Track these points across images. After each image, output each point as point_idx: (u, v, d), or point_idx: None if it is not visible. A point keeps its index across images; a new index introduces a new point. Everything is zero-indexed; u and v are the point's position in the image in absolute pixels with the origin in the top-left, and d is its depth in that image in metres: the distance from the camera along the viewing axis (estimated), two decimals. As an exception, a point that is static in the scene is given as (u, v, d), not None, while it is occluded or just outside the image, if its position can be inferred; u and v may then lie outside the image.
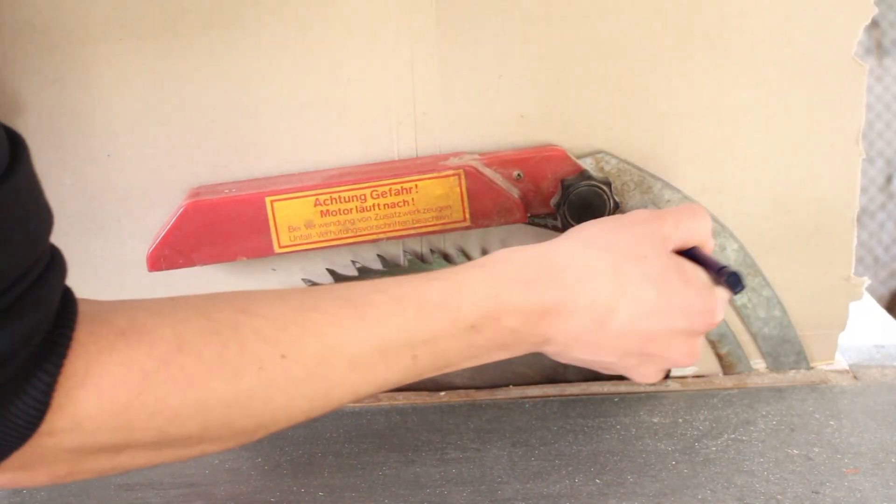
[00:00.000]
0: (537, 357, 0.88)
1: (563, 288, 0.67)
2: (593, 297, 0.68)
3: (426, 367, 0.65)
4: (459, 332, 0.65)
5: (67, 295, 0.56)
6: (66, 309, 0.56)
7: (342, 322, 0.62)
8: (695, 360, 0.71)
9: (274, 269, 0.87)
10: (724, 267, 0.70)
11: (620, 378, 0.89)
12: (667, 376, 0.89)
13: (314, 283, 0.86)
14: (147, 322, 0.59)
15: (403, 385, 0.65)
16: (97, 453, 0.58)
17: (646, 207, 0.85)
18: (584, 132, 0.84)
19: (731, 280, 0.69)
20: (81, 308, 0.57)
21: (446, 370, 0.67)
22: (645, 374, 0.72)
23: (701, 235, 0.73)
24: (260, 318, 0.61)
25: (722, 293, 0.71)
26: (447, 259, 0.86)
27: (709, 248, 0.74)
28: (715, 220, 0.86)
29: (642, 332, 0.69)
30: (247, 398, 0.59)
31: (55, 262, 0.55)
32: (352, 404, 0.86)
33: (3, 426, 0.54)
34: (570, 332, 0.68)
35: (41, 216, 0.55)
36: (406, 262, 0.86)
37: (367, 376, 0.63)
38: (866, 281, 0.89)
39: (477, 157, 0.83)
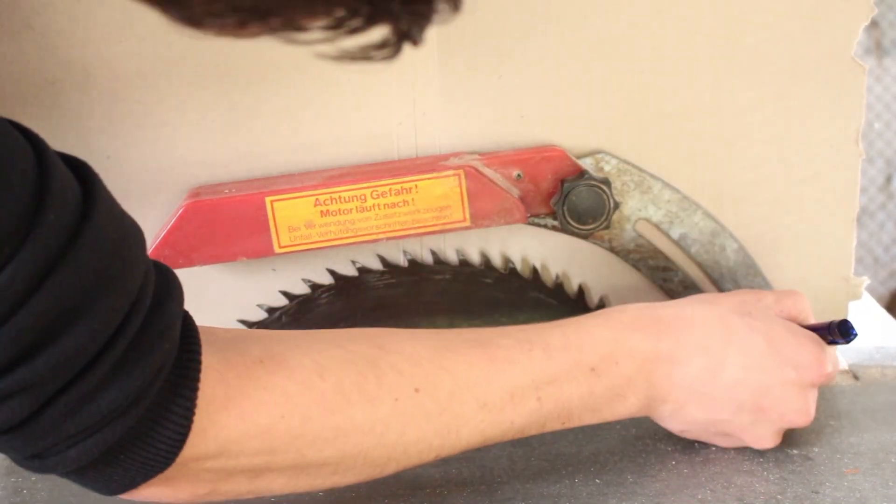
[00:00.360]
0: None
1: (674, 336, 0.70)
2: (704, 345, 0.70)
3: (550, 412, 0.68)
4: (581, 374, 0.68)
5: (187, 319, 0.58)
6: (187, 333, 0.57)
7: (473, 362, 0.65)
8: (810, 418, 0.73)
9: (274, 270, 0.87)
10: (831, 322, 0.73)
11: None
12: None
13: (314, 283, 0.86)
14: (284, 352, 0.60)
15: (526, 436, 0.68)
16: (238, 475, 0.59)
17: (646, 208, 0.85)
18: (584, 132, 0.84)
19: (842, 328, 0.72)
20: (207, 338, 0.58)
21: (569, 423, 0.69)
22: (762, 437, 0.74)
23: (801, 315, 0.76)
24: (395, 354, 0.63)
25: (832, 349, 0.73)
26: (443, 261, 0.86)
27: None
28: (715, 220, 0.86)
29: (754, 383, 0.71)
30: (383, 427, 0.61)
31: (169, 285, 0.57)
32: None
33: (147, 452, 0.55)
34: (684, 382, 0.70)
35: (129, 240, 0.55)
36: (406, 263, 0.86)
37: (495, 417, 0.66)
38: (866, 281, 0.89)
39: (477, 157, 0.83)
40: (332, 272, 0.86)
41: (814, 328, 0.76)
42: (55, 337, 0.51)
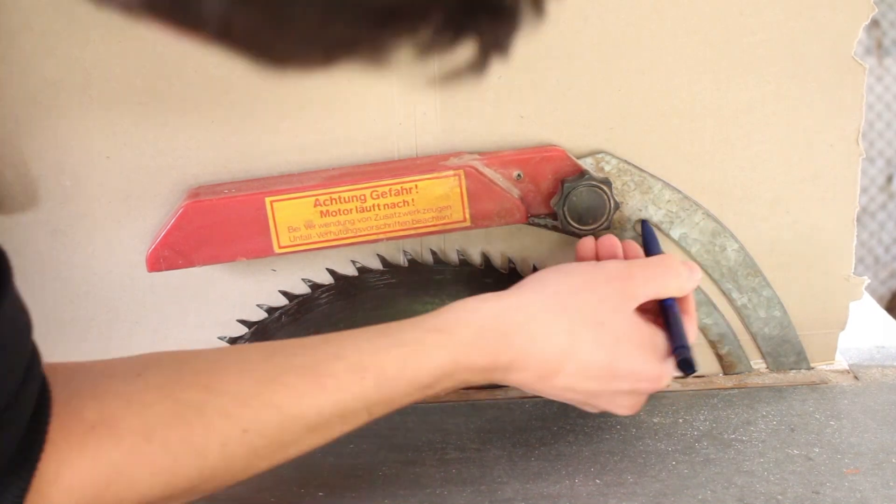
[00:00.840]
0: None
1: (515, 352, 0.71)
2: (543, 358, 0.72)
3: (379, 416, 0.70)
4: (415, 391, 0.69)
5: (42, 389, 0.59)
6: (39, 407, 0.59)
7: (303, 393, 0.66)
8: (635, 412, 0.76)
9: (274, 270, 0.87)
10: (680, 347, 0.72)
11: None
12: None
13: (315, 283, 0.86)
14: (116, 412, 0.61)
15: None
16: None
17: (646, 208, 0.85)
18: (584, 132, 0.84)
19: (682, 365, 0.72)
20: (54, 394, 0.59)
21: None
22: (589, 411, 0.77)
23: (673, 290, 0.75)
24: (223, 396, 0.64)
25: (671, 366, 0.73)
26: (442, 260, 0.86)
27: (687, 301, 0.76)
28: (715, 220, 0.86)
29: (586, 390, 0.73)
30: (210, 472, 0.63)
31: (32, 369, 0.58)
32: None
33: None
34: (518, 380, 0.73)
35: (23, 337, 0.57)
36: (406, 262, 0.86)
37: (324, 435, 0.67)
38: (866, 281, 0.89)
39: (477, 157, 0.83)
40: (331, 272, 0.86)
41: (672, 328, 0.74)
42: None
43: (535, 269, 0.87)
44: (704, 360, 0.90)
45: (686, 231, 0.86)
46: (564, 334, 0.72)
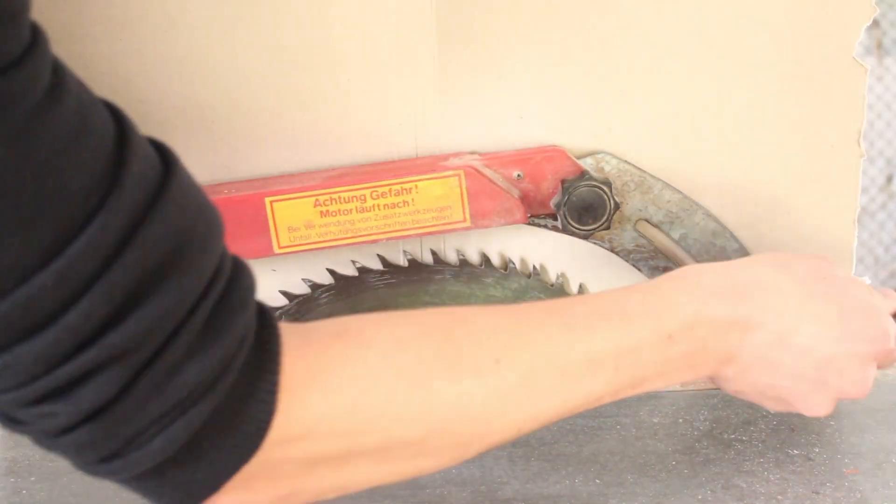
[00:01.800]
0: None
1: (753, 302, 0.68)
2: (779, 311, 0.69)
3: (625, 380, 0.65)
4: (659, 341, 0.66)
5: (260, 303, 0.55)
6: (261, 310, 0.55)
7: (551, 331, 0.63)
8: (866, 392, 0.72)
9: (274, 270, 0.87)
10: None
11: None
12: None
13: (314, 283, 0.86)
14: (361, 326, 0.58)
15: (601, 404, 0.66)
16: (322, 464, 0.56)
17: (646, 208, 0.85)
18: (584, 132, 0.84)
19: None
20: (282, 324, 0.56)
21: (639, 389, 0.67)
22: (815, 405, 0.72)
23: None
24: (471, 325, 0.61)
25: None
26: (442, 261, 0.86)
27: None
28: (715, 220, 0.86)
29: (820, 350, 0.69)
30: (468, 400, 0.59)
31: (240, 268, 0.55)
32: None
33: (234, 438, 0.52)
34: (754, 346, 0.69)
35: (208, 220, 0.53)
36: (406, 263, 0.86)
37: (574, 386, 0.63)
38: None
39: (477, 157, 0.83)
40: (331, 272, 0.86)
41: None
42: (146, 296, 0.48)
43: (534, 269, 0.87)
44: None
45: (686, 231, 0.86)
46: (795, 287, 0.70)
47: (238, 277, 0.54)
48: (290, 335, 0.55)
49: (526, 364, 0.61)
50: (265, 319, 0.55)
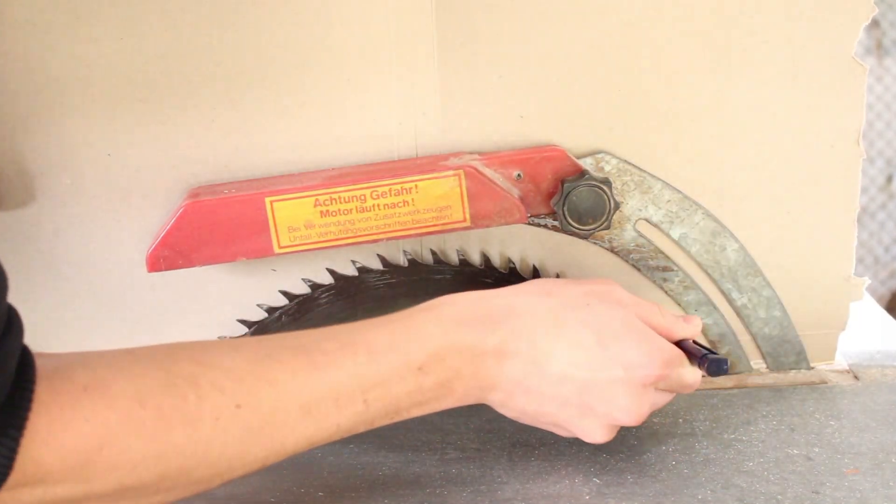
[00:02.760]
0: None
1: (503, 330, 0.70)
2: (531, 339, 0.70)
3: (378, 412, 0.68)
4: (409, 374, 0.68)
5: (25, 354, 0.57)
6: (24, 369, 0.57)
7: (296, 370, 0.65)
8: (640, 419, 0.72)
9: (274, 270, 0.87)
10: (706, 354, 0.72)
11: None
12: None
13: (314, 283, 0.86)
14: (108, 377, 0.60)
15: (358, 432, 0.68)
16: None
17: (646, 208, 0.85)
18: (583, 132, 0.84)
19: (711, 367, 0.72)
20: (41, 363, 0.58)
21: (397, 418, 0.69)
22: (589, 430, 0.73)
23: (656, 324, 0.75)
24: (216, 370, 0.63)
25: (677, 353, 0.73)
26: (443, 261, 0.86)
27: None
28: (715, 220, 0.86)
29: (578, 377, 0.70)
30: (204, 448, 0.61)
31: (11, 325, 0.56)
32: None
33: None
34: (511, 374, 0.70)
35: None
36: (406, 262, 0.86)
37: (320, 423, 0.65)
38: (866, 281, 0.89)
39: (477, 157, 0.83)
40: (331, 272, 0.86)
41: (687, 349, 0.75)
42: None
43: (534, 269, 0.87)
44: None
45: (686, 231, 0.86)
46: (550, 315, 0.71)
47: (3, 341, 0.55)
48: (40, 386, 0.57)
49: (268, 406, 0.63)
50: (23, 377, 0.57)
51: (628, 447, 0.79)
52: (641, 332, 0.72)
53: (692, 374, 0.75)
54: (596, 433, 0.73)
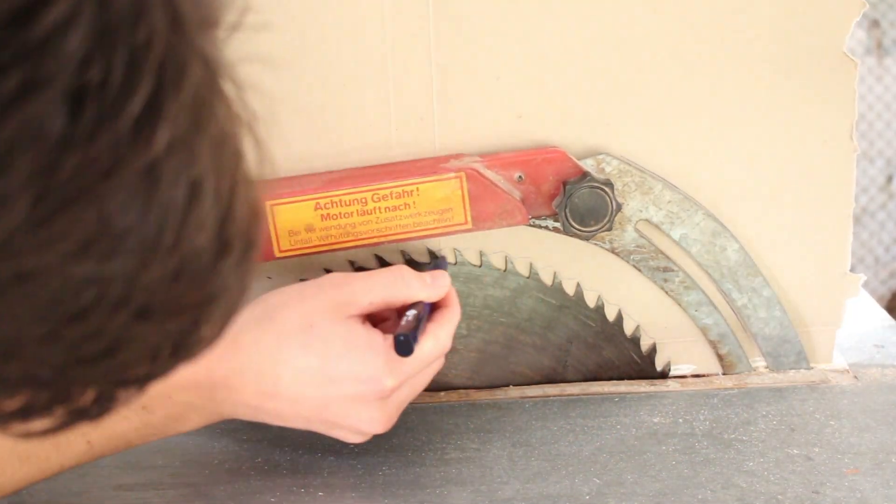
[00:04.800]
0: (537, 357, 0.88)
1: (227, 364, 0.70)
2: (257, 369, 0.71)
3: (105, 448, 0.68)
4: (132, 413, 0.68)
5: None
6: None
7: None
8: (389, 425, 0.74)
9: (269, 278, 0.86)
10: (398, 335, 0.71)
11: (619, 378, 0.89)
12: (665, 375, 0.90)
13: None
14: None
15: (82, 463, 0.68)
16: None
17: (647, 209, 0.85)
18: (584, 133, 0.84)
19: (399, 346, 0.71)
20: None
21: (132, 446, 0.70)
22: (344, 437, 0.75)
23: (397, 299, 0.75)
24: None
25: (403, 362, 0.72)
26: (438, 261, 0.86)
27: (444, 306, 0.76)
28: (716, 220, 0.86)
29: (311, 399, 0.72)
30: None
31: None
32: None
33: None
34: (246, 401, 0.71)
35: None
36: (404, 261, 0.86)
37: (42, 465, 0.66)
38: (862, 278, 0.89)
39: (478, 158, 0.83)
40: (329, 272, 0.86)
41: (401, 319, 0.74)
42: None
43: (531, 268, 0.87)
44: (704, 359, 0.90)
45: (686, 231, 0.86)
46: (273, 342, 0.71)
47: None
48: None
49: None
50: None
51: (628, 447, 0.79)
52: (366, 347, 0.72)
53: (430, 349, 0.74)
54: (351, 438, 0.75)
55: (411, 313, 0.74)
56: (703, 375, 0.90)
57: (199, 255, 0.38)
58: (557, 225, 0.84)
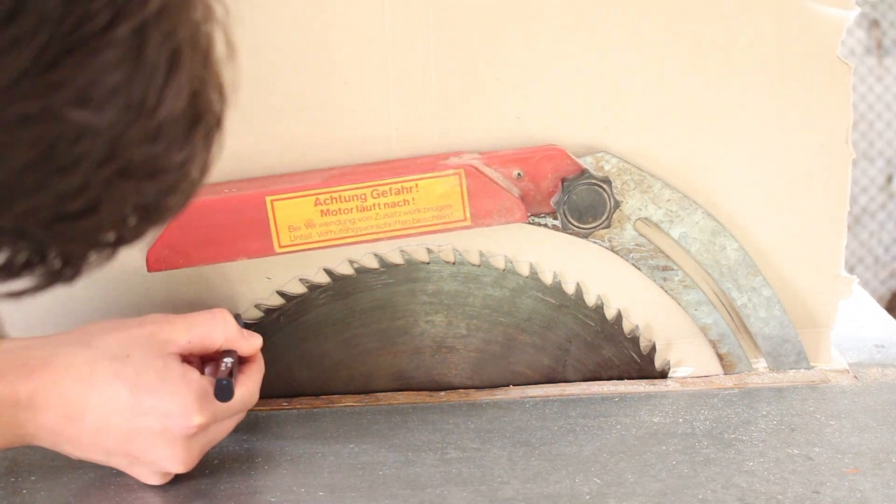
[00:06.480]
0: (534, 355, 0.88)
1: (36, 382, 0.70)
2: (64, 393, 0.70)
3: None
4: None
5: None
6: None
7: None
8: (190, 466, 0.73)
9: (269, 279, 0.86)
10: (220, 379, 0.70)
11: (618, 378, 0.89)
12: (665, 375, 0.89)
13: (312, 284, 0.86)
14: None
15: None
16: None
17: (646, 207, 0.85)
18: (583, 131, 0.84)
19: (219, 389, 0.70)
20: None
21: None
22: (142, 476, 0.74)
23: (216, 341, 0.75)
24: None
25: (207, 406, 0.71)
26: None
27: (241, 349, 0.76)
28: (714, 219, 0.86)
29: (116, 429, 0.71)
30: None
31: None
32: (352, 403, 0.86)
33: None
34: (47, 425, 0.70)
35: None
36: (404, 261, 0.86)
37: None
38: (855, 279, 0.90)
39: (477, 156, 0.83)
40: (328, 272, 0.86)
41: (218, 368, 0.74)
42: None
43: (531, 268, 0.87)
44: (704, 359, 0.90)
45: (686, 230, 0.86)
46: (85, 366, 0.71)
47: None
48: None
49: None
50: None
51: (628, 447, 0.79)
52: (180, 383, 0.71)
53: (242, 398, 0.74)
54: (149, 479, 0.74)
55: (229, 360, 0.73)
56: (703, 376, 0.90)
57: (176, 121, 0.43)
58: (556, 222, 0.84)
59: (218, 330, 0.75)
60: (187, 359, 0.75)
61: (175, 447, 0.72)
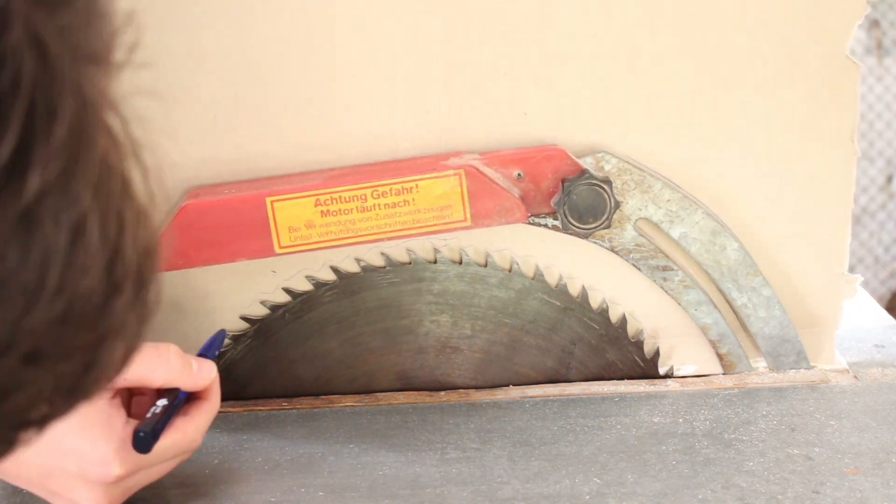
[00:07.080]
0: (537, 357, 0.88)
1: None
2: None
3: None
4: None
5: None
6: None
7: None
8: None
9: (274, 272, 0.86)
10: (141, 429, 0.68)
11: (620, 378, 0.89)
12: (669, 375, 0.89)
13: (318, 281, 0.86)
14: None
15: None
16: None
17: (646, 207, 0.85)
18: (584, 131, 0.84)
19: (135, 441, 0.68)
20: None
21: None
22: None
23: (159, 378, 0.71)
24: None
25: (128, 456, 0.69)
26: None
27: (185, 387, 0.72)
28: (715, 219, 0.86)
29: (34, 465, 0.69)
30: None
31: None
32: (352, 403, 0.86)
33: None
34: None
35: None
36: (410, 259, 0.86)
37: None
38: (859, 278, 0.89)
39: (477, 156, 0.83)
40: (335, 270, 0.86)
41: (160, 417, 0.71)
42: None
43: (538, 270, 0.87)
44: (704, 359, 0.90)
45: (686, 230, 0.86)
46: None
47: None
48: None
49: None
50: None
51: (628, 447, 0.79)
52: (103, 428, 0.69)
53: (172, 445, 0.71)
54: None
55: (161, 403, 0.70)
56: (703, 375, 0.90)
57: (88, 297, 0.38)
58: (556, 223, 0.84)
59: (158, 371, 0.71)
60: (139, 390, 0.72)
61: (93, 491, 0.70)
